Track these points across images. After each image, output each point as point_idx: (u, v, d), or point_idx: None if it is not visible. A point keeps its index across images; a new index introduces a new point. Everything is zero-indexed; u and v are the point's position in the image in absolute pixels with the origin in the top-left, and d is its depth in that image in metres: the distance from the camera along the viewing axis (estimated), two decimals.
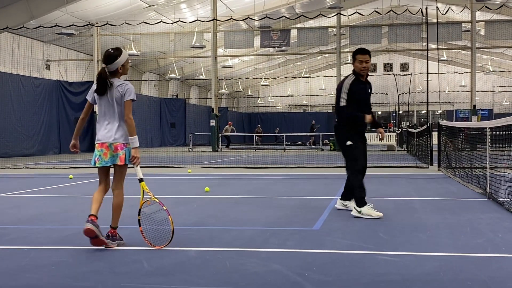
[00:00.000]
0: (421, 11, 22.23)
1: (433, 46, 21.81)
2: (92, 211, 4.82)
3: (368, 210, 6.35)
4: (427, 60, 17.59)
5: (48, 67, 29.03)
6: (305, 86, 50.50)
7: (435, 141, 15.23)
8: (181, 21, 27.09)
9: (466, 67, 38.35)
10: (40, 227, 6.01)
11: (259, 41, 29.54)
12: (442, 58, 37.23)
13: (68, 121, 26.61)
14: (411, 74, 39.83)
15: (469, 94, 29.27)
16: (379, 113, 48.90)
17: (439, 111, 48.23)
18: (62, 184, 10.85)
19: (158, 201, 4.88)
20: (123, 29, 28.24)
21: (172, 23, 27.22)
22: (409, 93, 35.35)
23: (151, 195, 4.90)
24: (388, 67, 46.77)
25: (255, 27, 30.79)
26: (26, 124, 23.77)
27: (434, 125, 17.39)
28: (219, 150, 28.62)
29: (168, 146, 37.08)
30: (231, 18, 28.13)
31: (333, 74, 32.54)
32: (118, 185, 4.96)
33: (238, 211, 7.09)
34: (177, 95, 43.52)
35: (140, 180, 4.96)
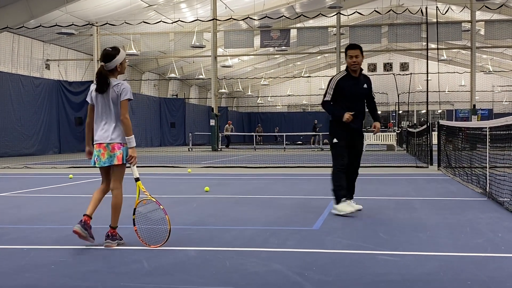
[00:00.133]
0: (421, 11, 22.23)
1: (433, 46, 21.81)
2: (88, 211, 4.86)
3: (343, 207, 6.41)
4: (427, 60, 17.59)
5: (48, 67, 29.03)
6: (305, 86, 50.51)
7: (435, 141, 15.23)
8: (181, 21, 27.09)
9: (466, 67, 38.36)
10: (40, 227, 6.01)
11: (259, 41, 29.54)
12: (442, 58, 37.26)
13: (68, 121, 26.60)
14: (411, 74, 39.83)
15: (469, 94, 29.26)
16: (379, 113, 48.80)
17: (439, 111, 48.25)
18: (62, 184, 10.85)
19: (155, 200, 4.88)
20: (123, 29, 28.23)
21: (172, 23, 27.22)
22: (409, 93, 35.37)
23: (148, 195, 4.91)
24: (388, 67, 46.72)
25: (255, 27, 30.79)
26: (26, 124, 23.76)
27: (434, 125, 17.38)
28: (219, 150, 28.62)
29: (168, 146, 37.08)
30: (231, 18, 28.15)
31: (333, 74, 32.36)
32: (117, 185, 4.96)
33: (238, 211, 7.09)
34: (177, 95, 43.53)
35: (136, 180, 4.97)
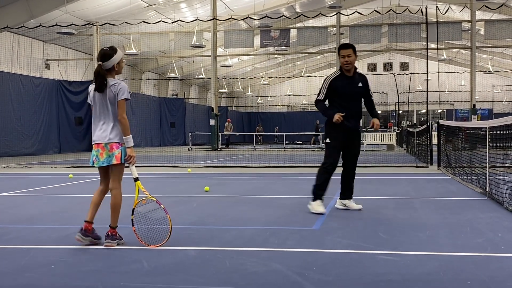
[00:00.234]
0: (421, 11, 22.23)
1: (433, 46, 21.81)
2: (88, 217, 4.87)
3: (315, 206, 6.61)
4: (427, 60, 17.59)
5: (48, 67, 29.02)
6: (305, 86, 50.48)
7: (435, 141, 15.23)
8: (181, 21, 27.08)
9: (466, 67, 38.34)
10: (40, 227, 6.00)
11: (259, 41, 29.53)
12: (442, 58, 37.24)
13: (68, 121, 26.60)
14: (411, 74, 39.84)
15: (469, 94, 29.25)
16: (379, 113, 48.82)
17: (439, 111, 48.24)
18: (62, 184, 10.84)
19: (155, 200, 4.88)
20: (123, 29, 28.23)
21: (172, 23, 27.21)
22: (409, 93, 35.37)
23: (148, 194, 4.90)
24: (388, 67, 46.76)
25: (255, 27, 30.78)
26: (26, 124, 23.75)
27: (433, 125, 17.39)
28: (219, 150, 28.62)
29: (168, 146, 37.07)
30: (231, 18, 28.14)
31: None
32: (115, 185, 4.95)
33: (238, 211, 7.08)
34: (177, 95, 43.52)
35: (135, 180, 4.96)
